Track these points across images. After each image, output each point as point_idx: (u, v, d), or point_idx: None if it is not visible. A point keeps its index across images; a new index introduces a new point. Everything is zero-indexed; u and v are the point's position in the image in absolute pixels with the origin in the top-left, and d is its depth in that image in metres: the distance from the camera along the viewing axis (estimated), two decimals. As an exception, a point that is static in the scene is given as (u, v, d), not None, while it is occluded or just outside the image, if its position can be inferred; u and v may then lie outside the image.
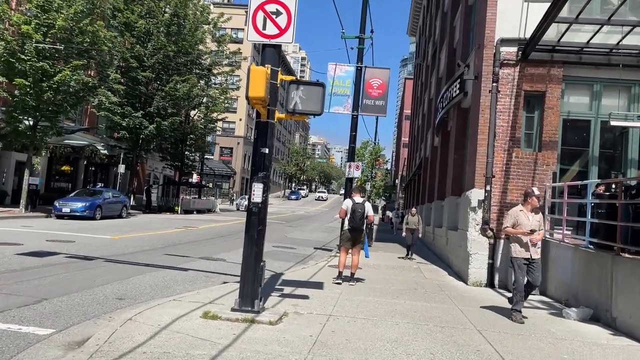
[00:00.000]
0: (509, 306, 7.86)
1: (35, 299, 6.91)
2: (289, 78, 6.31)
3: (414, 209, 16.45)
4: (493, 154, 11.10)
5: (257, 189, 6.21)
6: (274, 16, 6.28)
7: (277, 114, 6.41)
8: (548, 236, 10.68)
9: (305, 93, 6.23)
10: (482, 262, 11.23)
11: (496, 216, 11.20)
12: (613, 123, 10.28)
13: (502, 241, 11.13)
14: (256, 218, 6.28)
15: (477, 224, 11.38)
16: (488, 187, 11.02)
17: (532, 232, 7.56)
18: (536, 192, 7.81)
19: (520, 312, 7.49)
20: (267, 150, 6.24)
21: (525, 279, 7.58)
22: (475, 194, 11.40)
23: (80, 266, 9.92)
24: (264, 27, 6.31)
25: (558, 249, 9.89)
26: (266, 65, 6.08)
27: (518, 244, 7.64)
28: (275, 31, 6.29)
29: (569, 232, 10.19)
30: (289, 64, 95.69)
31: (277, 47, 6.39)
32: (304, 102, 6.22)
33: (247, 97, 5.67)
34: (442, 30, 22.09)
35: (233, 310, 6.25)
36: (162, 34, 30.12)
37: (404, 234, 16.19)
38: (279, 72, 6.28)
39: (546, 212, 10.93)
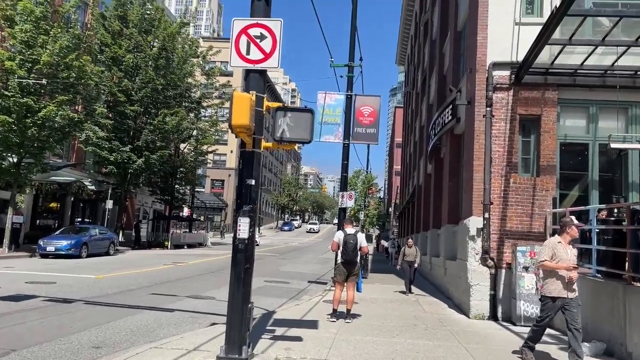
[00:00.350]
0: (517, 341, 7.33)
1: (3, 350, 6.32)
2: (276, 104, 5.93)
3: (410, 240, 15.63)
4: (490, 180, 10.74)
5: (243, 223, 5.74)
6: (258, 40, 5.93)
7: (264, 143, 6.00)
8: (551, 264, 10.24)
9: (293, 120, 5.83)
10: (483, 293, 10.72)
11: (496, 245, 10.76)
12: (613, 145, 9.96)
13: (503, 271, 10.66)
14: (242, 255, 5.78)
15: (476, 254, 10.92)
16: (486, 215, 10.62)
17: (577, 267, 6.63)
18: (575, 220, 6.99)
19: (533, 349, 6.92)
20: (253, 182, 5.80)
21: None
22: (474, 222, 10.97)
23: (58, 310, 9.29)
24: (248, 52, 5.95)
25: (563, 278, 9.42)
26: (251, 92, 5.69)
27: (557, 280, 6.59)
28: (260, 56, 5.93)
29: (573, 260, 9.74)
30: (280, 95, 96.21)
31: (262, 73, 6.02)
32: (292, 130, 5.82)
33: (230, 126, 5.26)
34: (431, 57, 22.05)
35: (219, 358, 5.70)
36: (150, 67, 29.91)
37: (398, 266, 15.38)
38: (265, 99, 5.89)
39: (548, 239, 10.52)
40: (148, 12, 31.44)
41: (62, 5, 22.87)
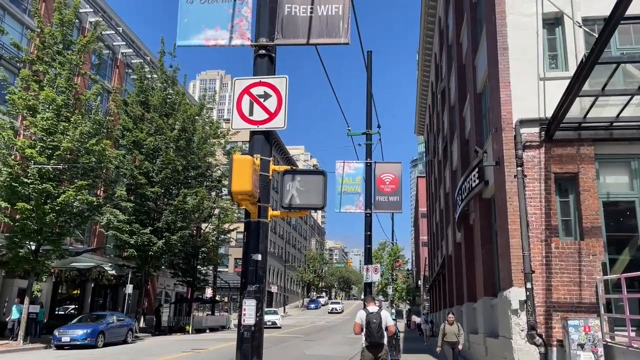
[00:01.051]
0: None
1: None
2: (283, 168, 5.27)
3: (451, 316, 12.95)
4: (529, 246, 9.74)
5: (249, 307, 4.90)
6: (261, 100, 5.38)
7: (272, 212, 5.28)
8: (609, 339, 8.96)
9: (303, 184, 5.15)
10: (534, 376, 9.39)
11: (543, 319, 9.57)
12: (665, 201, 8.98)
13: (554, 349, 9.39)
14: (249, 346, 4.89)
15: (521, 330, 9.69)
16: (529, 285, 9.51)
17: None
18: None
19: None
20: (259, 257, 5.02)
21: None
22: (515, 294, 9.83)
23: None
24: (251, 113, 5.39)
25: (626, 356, 8.15)
26: (255, 155, 5.06)
27: None
28: (264, 116, 5.35)
29: (634, 334, 8.53)
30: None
31: (267, 134, 5.41)
32: (303, 195, 5.11)
33: (230, 192, 4.59)
34: (451, 123, 21.62)
35: None
36: (170, 149, 30.07)
37: (438, 349, 12.75)
38: (271, 162, 5.24)
39: (602, 311, 9.31)
40: (169, 96, 32.17)
41: (83, 93, 23.34)
